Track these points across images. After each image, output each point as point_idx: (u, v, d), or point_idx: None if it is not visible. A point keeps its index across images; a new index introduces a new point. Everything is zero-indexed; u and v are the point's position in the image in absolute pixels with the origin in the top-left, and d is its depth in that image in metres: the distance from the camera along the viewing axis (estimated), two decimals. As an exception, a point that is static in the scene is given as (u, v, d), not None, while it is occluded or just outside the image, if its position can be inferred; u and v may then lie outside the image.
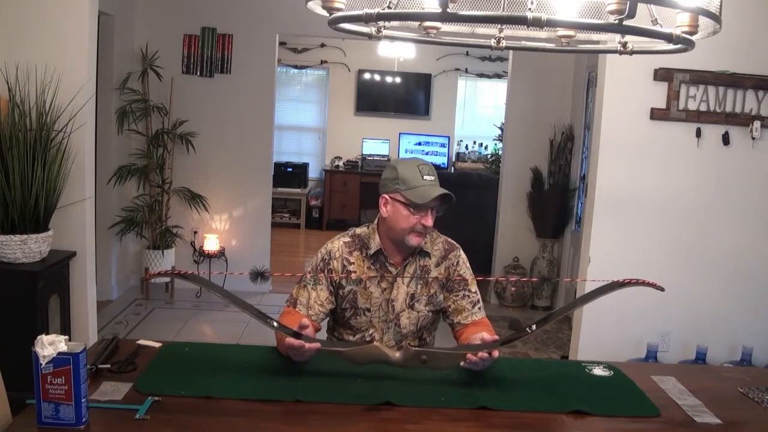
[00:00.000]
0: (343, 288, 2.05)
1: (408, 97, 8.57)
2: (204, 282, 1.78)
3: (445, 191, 1.95)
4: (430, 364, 1.74)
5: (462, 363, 1.76)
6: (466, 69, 8.47)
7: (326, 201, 8.26)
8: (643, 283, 1.70)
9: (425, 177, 1.96)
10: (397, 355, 1.75)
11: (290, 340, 1.71)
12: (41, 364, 1.36)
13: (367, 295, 2.04)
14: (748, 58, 3.14)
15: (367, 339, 2.04)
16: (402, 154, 8.38)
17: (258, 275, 1.74)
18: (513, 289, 5.34)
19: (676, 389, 1.81)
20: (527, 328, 1.78)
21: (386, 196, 2.01)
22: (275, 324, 1.74)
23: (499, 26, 1.62)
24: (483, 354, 1.72)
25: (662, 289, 1.71)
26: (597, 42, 1.78)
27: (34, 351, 1.37)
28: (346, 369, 1.80)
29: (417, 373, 1.79)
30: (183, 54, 5.07)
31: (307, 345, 1.70)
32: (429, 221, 1.98)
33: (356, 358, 1.74)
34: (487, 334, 1.83)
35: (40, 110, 2.83)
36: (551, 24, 1.25)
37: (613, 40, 1.69)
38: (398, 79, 8.48)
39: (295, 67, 8.40)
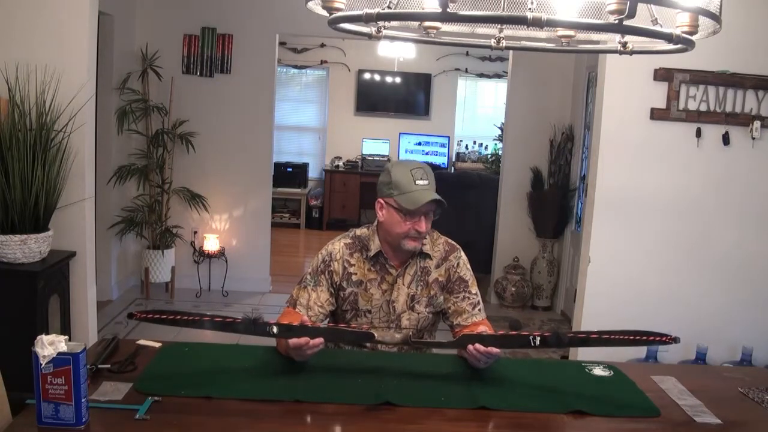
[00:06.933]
0: (343, 290, 2.04)
1: (408, 97, 8.56)
2: (190, 324, 1.64)
3: (436, 197, 1.92)
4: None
5: (464, 353, 1.79)
6: (466, 69, 8.47)
7: (326, 201, 8.26)
8: (657, 340, 1.69)
9: (417, 181, 1.94)
10: (398, 336, 1.82)
11: (294, 340, 1.69)
12: (41, 364, 1.36)
13: (368, 296, 2.04)
14: (748, 58, 3.14)
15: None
16: (402, 154, 8.38)
17: (252, 323, 1.65)
18: (513, 289, 5.34)
19: (676, 389, 1.80)
20: (531, 339, 1.69)
21: (381, 200, 2.01)
22: (275, 330, 1.69)
23: (499, 26, 1.62)
24: (479, 346, 1.72)
25: (677, 341, 1.70)
26: (597, 42, 1.78)
27: (34, 351, 1.37)
28: (346, 369, 1.81)
29: (417, 372, 1.79)
30: (183, 54, 5.06)
31: (312, 341, 1.68)
32: (422, 226, 1.95)
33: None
34: (487, 330, 1.84)
35: (40, 110, 2.83)
36: (551, 24, 1.25)
37: (613, 40, 1.69)
38: (398, 79, 8.48)
39: (295, 67, 8.40)
